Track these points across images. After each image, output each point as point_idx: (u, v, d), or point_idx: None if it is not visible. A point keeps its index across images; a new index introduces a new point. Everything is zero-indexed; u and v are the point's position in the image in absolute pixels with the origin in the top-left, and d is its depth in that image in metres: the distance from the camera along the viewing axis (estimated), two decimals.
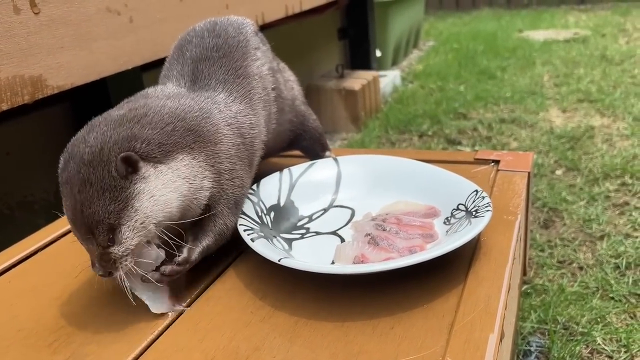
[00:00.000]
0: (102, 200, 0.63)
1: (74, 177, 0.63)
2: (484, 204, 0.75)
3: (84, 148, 0.64)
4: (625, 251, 1.48)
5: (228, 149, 0.75)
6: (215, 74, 0.80)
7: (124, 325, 0.68)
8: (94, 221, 0.63)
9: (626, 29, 4.34)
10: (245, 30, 0.86)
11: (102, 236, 0.63)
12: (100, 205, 0.63)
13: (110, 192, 0.63)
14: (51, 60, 0.97)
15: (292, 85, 1.00)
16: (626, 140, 2.25)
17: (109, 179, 0.63)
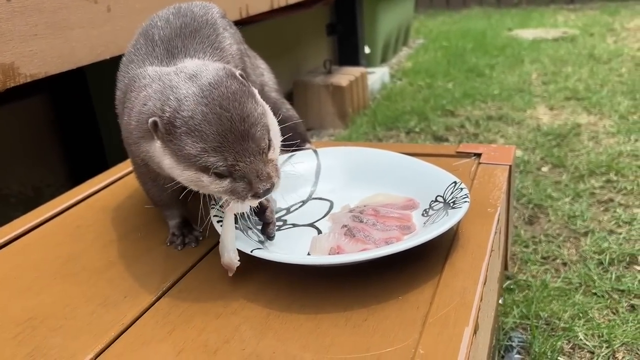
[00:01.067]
0: (249, 103, 0.63)
1: (209, 101, 0.61)
2: (461, 196, 0.74)
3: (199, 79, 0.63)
4: (609, 247, 1.48)
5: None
6: (191, 45, 0.78)
7: (92, 318, 0.66)
8: (253, 125, 0.62)
9: (614, 29, 4.36)
10: (211, 11, 0.84)
11: (263, 139, 0.63)
12: (252, 109, 0.63)
13: (251, 96, 0.65)
14: (24, 48, 0.94)
15: (261, 72, 0.98)
16: (612, 138, 2.25)
17: (243, 87, 0.64)
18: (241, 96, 0.63)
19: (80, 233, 0.88)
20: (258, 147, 0.63)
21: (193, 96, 0.62)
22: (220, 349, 0.59)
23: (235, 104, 0.62)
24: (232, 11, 1.48)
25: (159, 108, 0.63)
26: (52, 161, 1.43)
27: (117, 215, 0.93)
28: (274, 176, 0.64)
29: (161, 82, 0.66)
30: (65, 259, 0.80)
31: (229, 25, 0.88)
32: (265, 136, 0.64)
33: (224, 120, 0.61)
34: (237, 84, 0.64)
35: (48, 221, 0.93)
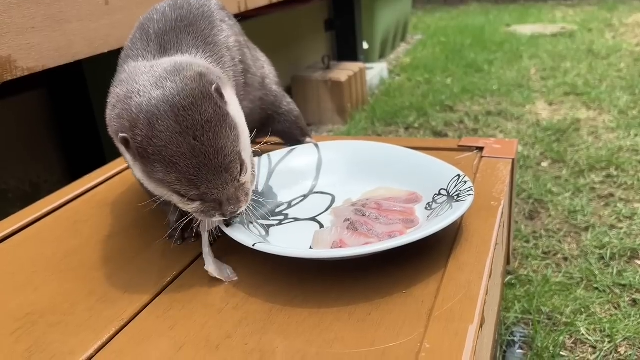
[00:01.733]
0: (224, 132, 0.62)
1: (183, 129, 0.60)
2: (466, 188, 0.73)
3: (173, 97, 0.61)
4: (610, 242, 1.47)
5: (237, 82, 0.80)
6: (184, 41, 0.77)
7: (91, 314, 0.65)
8: (223, 154, 0.62)
9: (613, 24, 4.36)
10: (209, 3, 0.83)
11: (235, 166, 0.64)
12: (226, 138, 0.63)
13: (224, 121, 0.63)
14: (21, 41, 0.93)
15: (262, 65, 0.97)
16: (612, 133, 2.25)
17: (218, 110, 0.63)
18: (216, 125, 0.62)
19: (78, 228, 0.87)
20: (231, 177, 0.64)
21: (166, 120, 0.60)
22: (222, 344, 0.58)
23: (210, 135, 0.61)
24: (231, 5, 1.47)
25: (128, 128, 0.62)
26: (49, 157, 1.42)
27: (115, 210, 0.92)
28: (242, 200, 0.66)
29: (130, 85, 0.64)
30: (64, 255, 0.79)
31: (227, 17, 0.87)
32: (237, 164, 0.64)
33: (198, 153, 0.61)
34: (212, 107, 0.62)
35: (46, 216, 0.92)
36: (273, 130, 1.02)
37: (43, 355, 0.59)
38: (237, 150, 0.64)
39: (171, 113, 0.60)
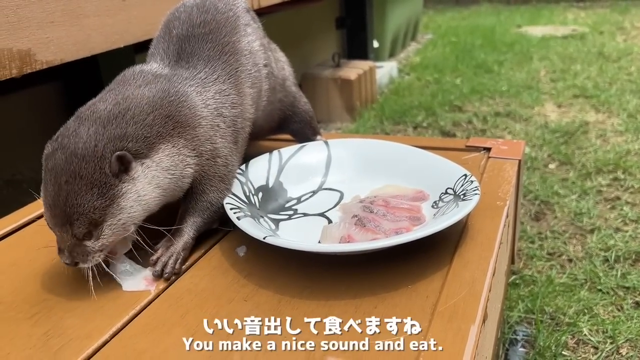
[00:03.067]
0: (89, 195, 0.64)
1: (62, 167, 0.64)
2: (472, 188, 0.75)
3: (76, 141, 0.65)
4: (615, 245, 1.48)
5: (206, 131, 0.75)
6: (200, 51, 0.79)
7: (106, 300, 0.67)
8: (77, 213, 0.64)
9: (624, 27, 4.34)
10: (236, 6, 0.85)
11: (81, 228, 0.64)
12: (87, 199, 0.64)
13: (99, 188, 0.64)
14: (40, 35, 0.95)
15: (283, 66, 0.99)
16: (620, 136, 2.25)
17: (100, 175, 0.64)
18: (86, 184, 0.64)
19: None
20: (72, 231, 0.65)
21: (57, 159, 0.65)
22: (233, 333, 0.60)
23: (76, 188, 0.63)
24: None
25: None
26: None
27: None
28: (76, 258, 0.66)
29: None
30: None
31: (252, 20, 0.89)
32: (84, 226, 0.64)
33: (57, 196, 0.64)
34: (95, 169, 0.64)
35: None
36: (287, 129, 1.04)
37: (60, 339, 0.61)
38: (92, 219, 0.64)
39: (64, 155, 0.64)
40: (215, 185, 0.76)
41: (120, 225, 0.67)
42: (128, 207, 0.67)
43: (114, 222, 0.66)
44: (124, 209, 0.66)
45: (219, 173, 0.76)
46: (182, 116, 0.72)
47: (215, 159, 0.75)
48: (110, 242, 0.68)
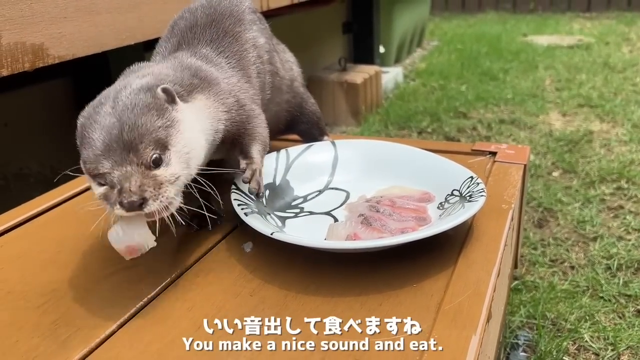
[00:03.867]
0: (149, 116, 0.62)
1: (113, 107, 0.62)
2: (478, 190, 0.76)
3: (120, 87, 0.65)
4: (617, 253, 1.49)
5: (226, 86, 0.77)
6: (203, 35, 0.81)
7: (114, 292, 0.68)
8: (140, 135, 0.60)
9: (630, 38, 4.35)
10: (241, 5, 0.86)
11: (148, 149, 0.60)
12: (149, 119, 0.62)
13: (157, 110, 0.63)
14: (53, 30, 0.96)
15: (291, 67, 1.00)
16: (624, 146, 2.25)
17: (155, 100, 0.64)
18: (142, 108, 0.62)
19: (101, 213, 0.90)
20: (138, 159, 0.61)
21: (104, 105, 0.63)
22: (238, 326, 0.61)
23: (131, 115, 0.61)
24: (254, 3, 1.50)
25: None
26: (71, 143, 1.46)
27: None
28: (147, 191, 0.60)
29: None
30: (87, 237, 0.82)
31: (258, 20, 0.90)
32: (151, 150, 0.61)
33: (112, 127, 0.61)
34: (146, 97, 0.63)
35: (69, 200, 0.95)
36: (294, 130, 1.05)
37: (68, 328, 0.62)
38: (159, 138, 0.62)
39: (112, 100, 0.63)
40: (254, 125, 0.79)
41: (185, 155, 0.64)
42: (187, 134, 0.65)
43: (179, 149, 0.64)
44: (184, 134, 0.64)
45: (252, 117, 0.78)
46: (203, 75, 0.74)
47: (242, 108, 0.77)
48: (180, 174, 0.63)
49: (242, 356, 0.57)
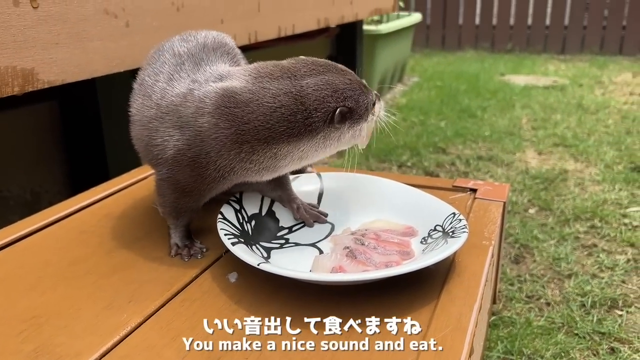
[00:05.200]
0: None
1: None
2: (460, 226, 0.78)
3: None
4: (591, 290, 1.52)
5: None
6: (215, 59, 0.82)
7: (97, 320, 0.68)
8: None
9: (602, 81, 4.51)
10: (225, 40, 0.88)
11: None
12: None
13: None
14: (45, 55, 0.97)
15: None
16: (597, 185, 2.32)
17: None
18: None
19: (84, 238, 0.90)
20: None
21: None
22: (224, 356, 0.61)
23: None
24: (243, 36, 1.53)
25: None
26: (53, 168, 1.45)
27: (120, 224, 0.95)
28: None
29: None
30: (69, 262, 0.82)
31: (241, 57, 0.92)
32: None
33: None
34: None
35: (51, 225, 0.94)
36: None
37: (49, 357, 0.61)
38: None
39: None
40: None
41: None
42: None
43: None
44: None
45: None
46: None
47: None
48: None
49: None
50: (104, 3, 1.08)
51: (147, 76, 0.82)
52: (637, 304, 1.48)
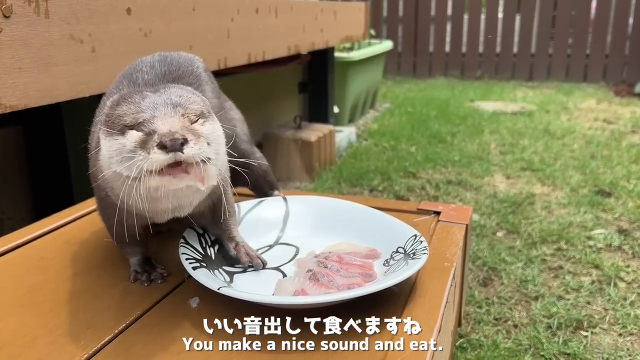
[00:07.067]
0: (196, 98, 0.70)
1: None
2: (421, 248, 0.79)
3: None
4: (557, 312, 1.54)
5: None
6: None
7: (53, 347, 0.66)
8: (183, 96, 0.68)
9: (568, 107, 4.64)
10: (195, 64, 0.89)
11: (193, 109, 0.67)
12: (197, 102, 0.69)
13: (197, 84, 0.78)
14: (7, 80, 0.96)
15: (234, 124, 1.02)
16: (563, 209, 2.37)
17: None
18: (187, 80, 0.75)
19: (43, 265, 0.88)
20: (183, 110, 0.66)
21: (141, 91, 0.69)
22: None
23: (179, 91, 0.69)
24: (212, 61, 1.54)
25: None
26: (16, 194, 1.42)
27: (81, 250, 0.94)
28: (187, 134, 0.63)
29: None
30: (27, 289, 0.80)
31: (209, 80, 0.93)
32: (194, 113, 0.67)
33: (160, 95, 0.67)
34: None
35: (11, 251, 0.93)
36: (244, 184, 1.06)
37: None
38: (201, 111, 0.68)
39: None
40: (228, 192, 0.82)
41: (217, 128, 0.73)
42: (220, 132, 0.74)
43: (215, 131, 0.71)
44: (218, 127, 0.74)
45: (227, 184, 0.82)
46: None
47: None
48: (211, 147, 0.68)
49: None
50: (69, 28, 1.08)
51: (102, 102, 0.83)
52: (601, 324, 1.50)
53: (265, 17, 1.86)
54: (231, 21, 1.65)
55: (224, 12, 1.62)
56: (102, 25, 1.16)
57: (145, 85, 0.80)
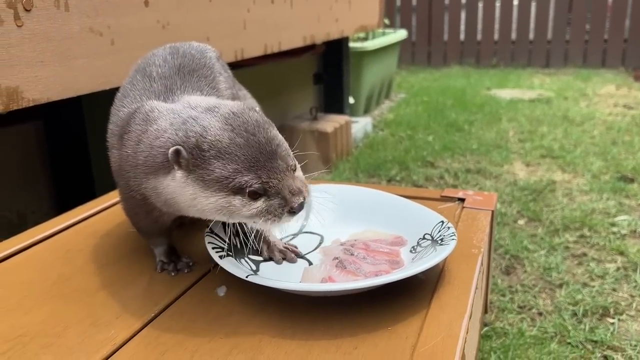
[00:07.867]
0: (273, 130, 0.70)
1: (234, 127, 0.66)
2: (449, 234, 0.78)
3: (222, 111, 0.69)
4: (583, 299, 1.52)
5: None
6: (189, 83, 0.81)
7: (83, 337, 0.66)
8: (279, 145, 0.68)
9: (587, 94, 4.57)
10: (208, 54, 0.88)
11: (290, 158, 0.69)
12: (276, 134, 0.70)
13: (271, 124, 0.71)
14: (29, 73, 0.97)
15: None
16: (585, 195, 2.33)
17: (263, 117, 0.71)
18: (263, 123, 0.69)
19: (70, 256, 0.88)
20: (287, 165, 0.67)
21: (217, 123, 0.66)
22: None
23: (260, 129, 0.67)
24: (228, 53, 1.54)
25: (181, 137, 0.66)
26: (39, 188, 1.44)
27: (107, 241, 0.94)
28: (304, 190, 0.68)
29: (176, 114, 0.69)
30: (55, 281, 0.80)
31: (223, 69, 0.92)
32: (290, 155, 0.69)
33: (252, 142, 0.66)
34: (257, 114, 0.70)
35: (37, 244, 0.93)
36: None
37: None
38: (287, 146, 0.70)
39: (220, 118, 0.67)
40: None
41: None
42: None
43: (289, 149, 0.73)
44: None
45: None
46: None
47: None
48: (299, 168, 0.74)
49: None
50: (89, 21, 1.08)
51: (116, 97, 0.83)
52: (628, 311, 1.48)
53: (280, 7, 1.85)
54: (247, 12, 1.64)
55: (240, 3, 1.61)
56: (120, 18, 1.16)
57: (160, 79, 0.80)
